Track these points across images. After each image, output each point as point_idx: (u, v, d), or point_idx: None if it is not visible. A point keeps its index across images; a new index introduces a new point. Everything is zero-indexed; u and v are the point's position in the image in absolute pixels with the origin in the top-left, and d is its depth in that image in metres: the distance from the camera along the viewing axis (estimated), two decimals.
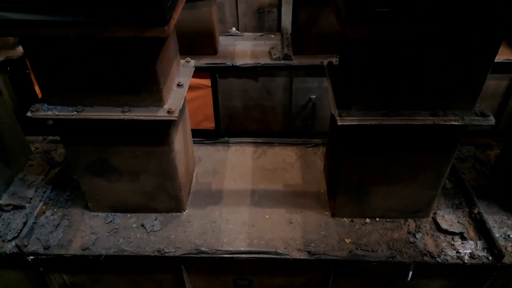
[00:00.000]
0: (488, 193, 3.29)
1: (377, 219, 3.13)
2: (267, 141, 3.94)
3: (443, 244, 2.93)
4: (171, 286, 3.18)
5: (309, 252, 2.90)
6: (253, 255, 2.89)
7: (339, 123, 2.49)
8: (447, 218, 3.09)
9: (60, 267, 3.06)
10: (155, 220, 3.13)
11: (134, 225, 3.10)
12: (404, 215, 3.11)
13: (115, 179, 2.97)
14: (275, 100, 5.33)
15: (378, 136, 2.65)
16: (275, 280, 3.15)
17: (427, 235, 3.01)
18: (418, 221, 3.10)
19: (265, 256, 2.89)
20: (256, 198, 3.36)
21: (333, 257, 2.86)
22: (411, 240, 2.97)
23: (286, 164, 3.69)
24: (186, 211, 3.22)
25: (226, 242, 2.99)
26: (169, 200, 3.10)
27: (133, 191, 3.04)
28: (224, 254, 2.89)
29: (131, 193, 3.06)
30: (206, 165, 3.70)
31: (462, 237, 2.97)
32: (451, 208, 3.18)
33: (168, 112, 2.53)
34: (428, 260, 2.84)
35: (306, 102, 5.29)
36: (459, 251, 2.88)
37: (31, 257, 2.89)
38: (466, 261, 2.82)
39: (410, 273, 2.91)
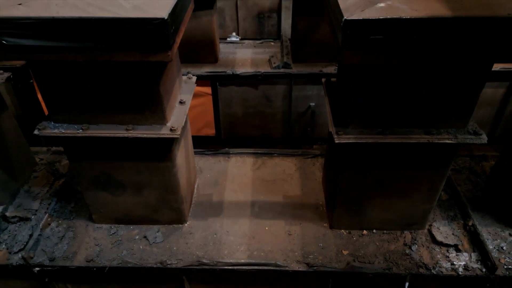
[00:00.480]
0: (482, 204, 3.36)
1: (374, 230, 3.21)
2: (267, 152, 4.01)
3: (438, 256, 3.01)
4: None
5: (307, 264, 2.97)
6: (253, 267, 2.97)
7: (336, 141, 2.56)
8: (442, 230, 3.16)
9: (65, 278, 3.13)
10: (158, 232, 3.21)
11: (137, 237, 3.18)
12: (401, 227, 3.19)
13: (119, 193, 3.04)
14: (275, 107, 5.40)
15: (374, 153, 2.72)
16: None
17: (423, 247, 3.08)
18: (414, 233, 3.18)
19: (265, 268, 2.96)
20: (256, 209, 3.43)
21: (331, 269, 2.93)
22: (407, 252, 3.04)
23: (286, 175, 3.76)
24: (187, 223, 3.30)
25: (226, 254, 3.06)
26: (171, 212, 3.17)
27: (137, 204, 3.11)
28: (225, 266, 2.97)
29: (134, 206, 3.13)
30: (207, 176, 3.77)
31: (457, 249, 3.04)
32: (446, 220, 3.26)
33: (171, 130, 2.60)
34: (424, 272, 2.91)
35: (305, 109, 5.36)
36: (454, 263, 2.95)
37: (37, 269, 2.97)
38: (460, 273, 2.89)
39: (407, 284, 2.99)
